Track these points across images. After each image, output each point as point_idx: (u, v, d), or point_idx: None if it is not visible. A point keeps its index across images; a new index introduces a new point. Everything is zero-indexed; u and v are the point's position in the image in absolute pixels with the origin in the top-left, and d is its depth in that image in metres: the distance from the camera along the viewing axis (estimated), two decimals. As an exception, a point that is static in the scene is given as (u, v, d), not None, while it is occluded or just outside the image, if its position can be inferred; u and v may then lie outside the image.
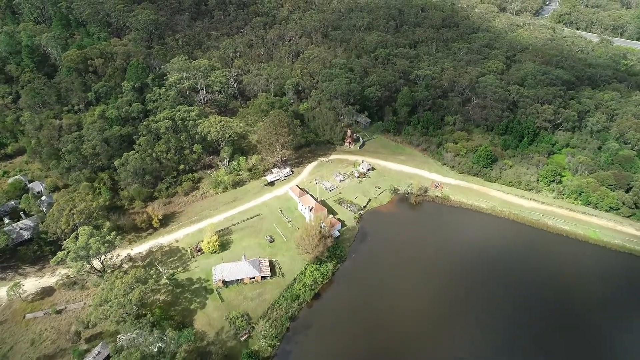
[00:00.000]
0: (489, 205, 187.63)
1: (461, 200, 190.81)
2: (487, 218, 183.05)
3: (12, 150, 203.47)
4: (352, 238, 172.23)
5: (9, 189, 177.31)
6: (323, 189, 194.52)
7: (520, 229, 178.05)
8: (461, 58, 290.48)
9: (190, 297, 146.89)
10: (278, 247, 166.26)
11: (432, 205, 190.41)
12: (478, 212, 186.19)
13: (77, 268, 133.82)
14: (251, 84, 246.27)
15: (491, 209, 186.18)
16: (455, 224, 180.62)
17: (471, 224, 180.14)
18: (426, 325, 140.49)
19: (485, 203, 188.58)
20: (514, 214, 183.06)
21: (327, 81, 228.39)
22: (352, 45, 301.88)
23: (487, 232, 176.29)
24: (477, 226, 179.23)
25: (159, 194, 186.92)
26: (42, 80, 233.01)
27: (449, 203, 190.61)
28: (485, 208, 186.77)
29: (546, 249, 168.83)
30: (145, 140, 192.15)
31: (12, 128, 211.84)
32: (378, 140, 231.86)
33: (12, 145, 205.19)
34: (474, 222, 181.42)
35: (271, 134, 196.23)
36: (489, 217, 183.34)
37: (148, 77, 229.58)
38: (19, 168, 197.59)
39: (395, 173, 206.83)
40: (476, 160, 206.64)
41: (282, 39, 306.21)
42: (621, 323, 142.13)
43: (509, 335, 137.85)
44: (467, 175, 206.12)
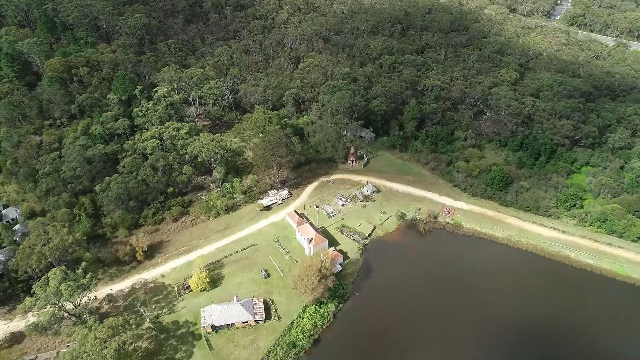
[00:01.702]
0: (505, 234, 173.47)
1: (474, 229, 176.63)
2: (503, 249, 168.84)
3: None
4: (356, 273, 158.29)
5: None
6: (324, 214, 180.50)
7: (539, 262, 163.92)
8: (471, 66, 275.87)
9: (175, 345, 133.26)
10: (274, 283, 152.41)
11: (443, 233, 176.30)
12: (493, 242, 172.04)
13: (47, 317, 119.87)
14: (247, 95, 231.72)
15: (507, 238, 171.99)
16: (468, 256, 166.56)
17: (486, 256, 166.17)
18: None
19: (501, 232, 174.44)
20: (532, 245, 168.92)
21: (329, 94, 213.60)
22: (356, 51, 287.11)
23: (504, 265, 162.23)
24: (492, 259, 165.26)
25: (145, 221, 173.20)
26: (22, 92, 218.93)
27: (461, 231, 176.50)
28: (501, 238, 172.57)
29: (569, 286, 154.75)
30: (130, 162, 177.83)
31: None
32: (383, 158, 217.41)
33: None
34: (489, 253, 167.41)
35: (268, 154, 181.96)
36: (506, 249, 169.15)
37: (136, 89, 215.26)
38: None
39: (403, 196, 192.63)
40: (490, 182, 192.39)
41: (282, 44, 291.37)
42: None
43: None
44: (480, 198, 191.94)
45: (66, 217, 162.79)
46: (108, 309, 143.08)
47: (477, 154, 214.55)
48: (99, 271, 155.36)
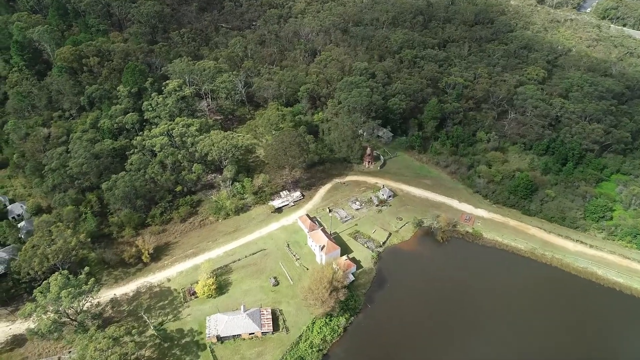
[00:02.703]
0: (527, 246, 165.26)
1: (495, 239, 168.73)
2: (525, 263, 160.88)
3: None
4: (369, 283, 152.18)
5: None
6: (337, 218, 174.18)
7: (564, 278, 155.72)
8: (496, 62, 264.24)
9: (179, 355, 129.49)
10: (283, 292, 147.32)
11: (462, 243, 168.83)
12: (515, 254, 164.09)
13: (48, 324, 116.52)
14: (261, 89, 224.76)
15: (530, 251, 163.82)
16: (488, 268, 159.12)
17: (507, 270, 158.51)
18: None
19: (524, 244, 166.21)
20: (557, 259, 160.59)
21: (345, 91, 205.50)
22: (375, 44, 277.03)
23: (525, 280, 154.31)
24: (514, 273, 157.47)
25: (152, 220, 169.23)
26: (32, 82, 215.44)
27: (481, 241, 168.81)
28: (523, 250, 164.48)
29: (595, 306, 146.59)
30: (137, 159, 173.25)
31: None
32: (401, 159, 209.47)
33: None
34: (511, 267, 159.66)
35: (280, 154, 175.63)
36: (528, 262, 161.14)
37: (146, 81, 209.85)
38: (1, 185, 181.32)
39: (420, 201, 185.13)
40: (513, 190, 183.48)
41: (298, 35, 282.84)
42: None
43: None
44: (502, 206, 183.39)
45: (72, 215, 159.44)
46: (112, 314, 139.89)
47: (500, 157, 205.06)
48: (104, 272, 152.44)
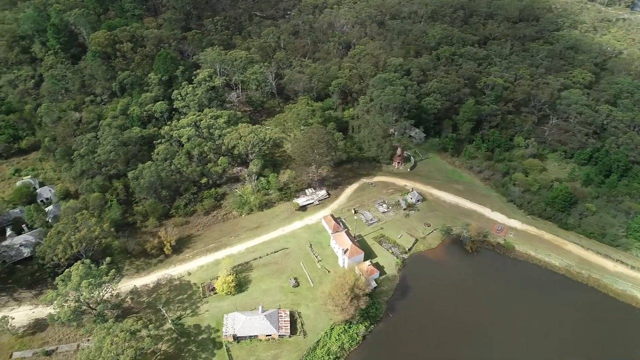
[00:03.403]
0: (562, 263, 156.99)
1: (528, 253, 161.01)
2: (559, 280, 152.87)
3: (27, 145, 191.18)
4: (391, 291, 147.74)
5: (14, 195, 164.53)
6: (362, 220, 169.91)
7: (601, 300, 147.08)
8: (540, 63, 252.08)
9: (195, 351, 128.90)
10: (303, 294, 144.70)
11: (492, 255, 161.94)
12: (548, 270, 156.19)
13: (68, 313, 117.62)
14: (292, 82, 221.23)
15: (566, 268, 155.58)
16: (519, 284, 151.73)
17: (539, 287, 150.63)
18: None
19: (559, 260, 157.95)
20: (594, 279, 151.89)
21: (378, 88, 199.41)
22: (412, 38, 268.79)
23: (558, 299, 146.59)
24: (546, 290, 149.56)
25: (176, 212, 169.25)
26: (66, 65, 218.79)
27: (513, 254, 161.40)
28: (558, 267, 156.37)
29: (635, 334, 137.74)
30: (164, 149, 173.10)
31: (30, 118, 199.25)
32: (432, 162, 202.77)
33: (28, 138, 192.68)
34: (543, 284, 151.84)
35: (307, 151, 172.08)
36: (562, 280, 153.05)
37: (177, 69, 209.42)
38: (32, 167, 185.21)
39: (450, 207, 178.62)
40: (551, 201, 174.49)
41: (332, 27, 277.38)
42: None
43: None
44: (537, 218, 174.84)
45: (98, 202, 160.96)
46: (131, 304, 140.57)
47: (538, 165, 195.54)
48: (126, 262, 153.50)
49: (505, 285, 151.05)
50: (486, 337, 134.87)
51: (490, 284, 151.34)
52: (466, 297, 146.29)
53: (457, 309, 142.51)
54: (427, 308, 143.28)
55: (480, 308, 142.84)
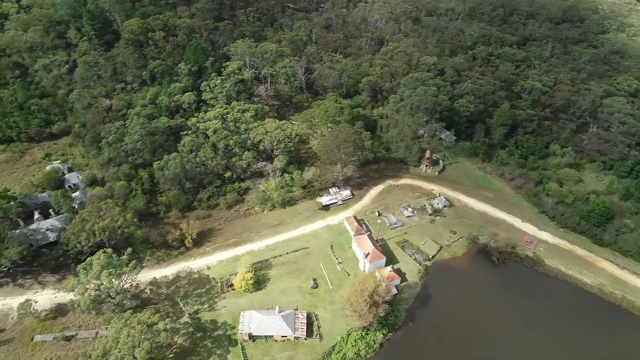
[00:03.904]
0: (595, 281, 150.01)
1: (558, 268, 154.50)
2: (590, 299, 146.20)
3: (58, 130, 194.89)
4: (412, 299, 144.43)
5: (43, 179, 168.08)
6: (386, 223, 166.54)
7: (635, 323, 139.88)
8: (582, 67, 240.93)
9: (210, 347, 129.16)
10: (321, 296, 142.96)
11: (520, 268, 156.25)
12: (579, 288, 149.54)
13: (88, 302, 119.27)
14: (322, 77, 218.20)
15: (598, 287, 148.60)
16: (547, 299, 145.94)
17: (568, 305, 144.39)
18: None
19: (591, 278, 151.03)
20: (628, 301, 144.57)
21: (410, 88, 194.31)
22: (447, 36, 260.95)
23: (588, 320, 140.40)
24: (576, 309, 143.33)
25: (199, 204, 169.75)
26: (99, 52, 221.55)
27: (542, 269, 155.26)
28: (590, 285, 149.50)
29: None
30: (190, 141, 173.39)
31: (62, 104, 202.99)
32: (462, 166, 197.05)
33: (59, 123, 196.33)
34: (573, 302, 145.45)
35: (333, 150, 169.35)
36: (594, 299, 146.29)
37: (207, 60, 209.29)
38: (62, 152, 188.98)
39: (478, 215, 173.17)
40: (586, 215, 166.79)
41: (366, 22, 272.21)
42: None
43: None
44: (570, 232, 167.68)
45: (123, 191, 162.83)
46: (150, 295, 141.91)
47: (574, 175, 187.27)
48: (147, 252, 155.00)
49: (532, 300, 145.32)
50: (508, 354, 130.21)
51: (516, 298, 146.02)
52: (490, 310, 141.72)
53: (480, 322, 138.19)
54: (448, 319, 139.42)
55: (504, 323, 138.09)
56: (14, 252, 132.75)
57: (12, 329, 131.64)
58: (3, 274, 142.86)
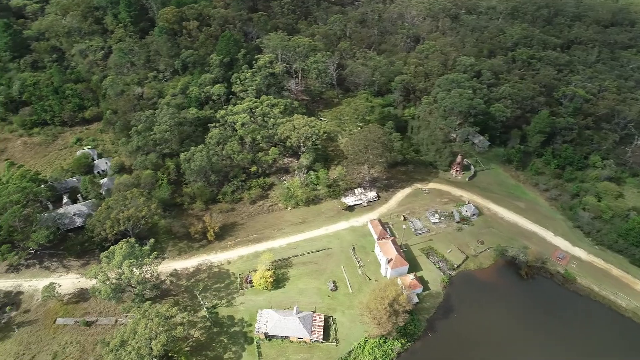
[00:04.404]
0: (631, 305, 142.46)
1: (591, 288, 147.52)
2: (624, 324, 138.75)
3: (90, 115, 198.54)
4: (433, 309, 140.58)
5: (73, 164, 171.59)
6: (411, 228, 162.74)
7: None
8: (630, 75, 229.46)
9: (225, 343, 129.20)
10: (340, 299, 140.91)
11: (549, 284, 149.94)
12: (612, 310, 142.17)
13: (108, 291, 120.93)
14: (354, 74, 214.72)
15: (633, 311, 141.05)
16: (576, 320, 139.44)
17: (600, 328, 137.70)
18: None
19: (626, 300, 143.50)
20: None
21: (444, 90, 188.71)
22: (487, 36, 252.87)
23: (621, 345, 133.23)
24: (607, 333, 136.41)
25: (223, 198, 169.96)
26: (134, 39, 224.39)
27: (573, 287, 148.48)
28: (624, 308, 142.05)
29: None
30: (217, 133, 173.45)
31: (96, 89, 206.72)
32: (494, 173, 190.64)
33: (92, 109, 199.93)
34: (605, 325, 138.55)
35: (361, 150, 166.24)
36: (628, 324, 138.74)
37: (239, 52, 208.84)
38: (93, 137, 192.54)
39: (507, 226, 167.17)
40: (624, 233, 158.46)
41: (402, 18, 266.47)
42: None
43: None
44: (606, 249, 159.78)
45: (149, 180, 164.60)
46: (170, 286, 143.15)
47: (614, 190, 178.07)
48: (170, 242, 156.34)
49: (560, 320, 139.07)
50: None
51: (543, 316, 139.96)
52: (514, 326, 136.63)
53: (503, 338, 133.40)
54: (470, 332, 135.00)
55: (529, 341, 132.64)
56: (41, 236, 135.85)
57: (36, 310, 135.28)
58: (31, 256, 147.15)
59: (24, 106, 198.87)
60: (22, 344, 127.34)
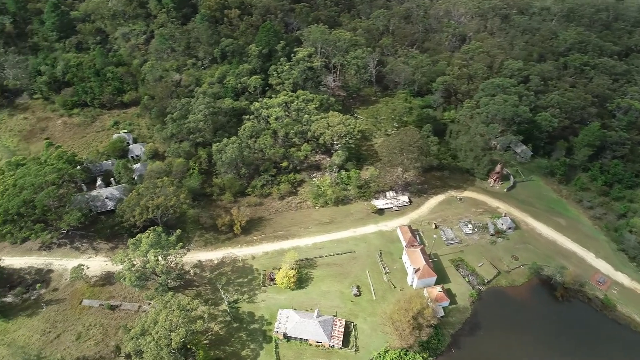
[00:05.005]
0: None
1: (632, 317, 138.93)
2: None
3: (128, 99, 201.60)
4: (459, 324, 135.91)
5: (109, 147, 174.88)
6: (442, 238, 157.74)
7: None
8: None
9: (244, 340, 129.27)
10: (362, 305, 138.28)
11: (586, 309, 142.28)
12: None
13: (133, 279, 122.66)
14: (394, 72, 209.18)
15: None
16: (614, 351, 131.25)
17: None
18: None
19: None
20: None
21: (488, 95, 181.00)
22: (537, 39, 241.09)
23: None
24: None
25: (252, 191, 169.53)
26: (175, 25, 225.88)
27: (613, 315, 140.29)
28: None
29: None
30: (251, 126, 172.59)
31: (136, 73, 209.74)
32: (534, 185, 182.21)
33: (131, 93, 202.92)
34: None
35: (396, 153, 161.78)
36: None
37: (279, 44, 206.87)
38: (129, 121, 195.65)
39: (545, 243, 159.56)
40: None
41: (449, 16, 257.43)
42: None
43: None
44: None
45: (180, 168, 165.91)
46: (194, 277, 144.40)
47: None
48: (197, 232, 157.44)
49: (595, 349, 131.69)
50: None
51: (576, 342, 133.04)
52: (544, 351, 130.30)
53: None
54: (497, 352, 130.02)
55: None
56: (73, 218, 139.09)
57: (64, 289, 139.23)
58: (63, 235, 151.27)
59: (66, 86, 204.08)
60: (49, 321, 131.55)
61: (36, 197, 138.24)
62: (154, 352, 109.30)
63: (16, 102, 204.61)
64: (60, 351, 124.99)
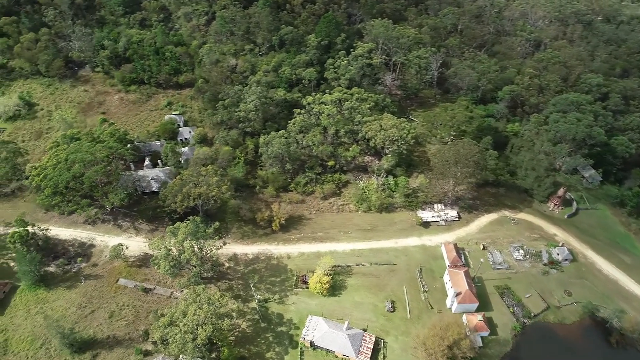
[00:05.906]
0: None
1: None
2: None
3: (184, 81, 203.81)
4: (498, 357, 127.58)
5: (160, 128, 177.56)
6: (489, 261, 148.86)
7: None
8: None
9: (270, 341, 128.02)
10: (395, 322, 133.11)
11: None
12: None
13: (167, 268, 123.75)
14: (457, 76, 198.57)
15: None
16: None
17: None
18: None
19: None
20: None
21: (559, 112, 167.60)
22: (623, 51, 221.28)
23: None
24: None
25: (295, 188, 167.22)
26: (237, 8, 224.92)
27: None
28: None
29: None
30: (300, 121, 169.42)
31: (193, 55, 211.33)
32: (600, 215, 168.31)
33: (186, 74, 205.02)
34: None
35: (450, 166, 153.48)
36: None
37: (339, 36, 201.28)
38: (182, 103, 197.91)
39: (605, 281, 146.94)
40: None
41: (525, 18, 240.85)
42: None
43: None
44: None
45: (227, 157, 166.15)
46: (227, 270, 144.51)
47: None
48: (235, 224, 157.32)
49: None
50: None
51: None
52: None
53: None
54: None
55: None
56: (117, 198, 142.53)
57: (103, 266, 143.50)
58: (107, 212, 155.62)
59: (126, 62, 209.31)
60: (86, 296, 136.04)
61: (85, 173, 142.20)
62: (179, 345, 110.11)
63: (79, 74, 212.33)
64: (93, 327, 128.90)
